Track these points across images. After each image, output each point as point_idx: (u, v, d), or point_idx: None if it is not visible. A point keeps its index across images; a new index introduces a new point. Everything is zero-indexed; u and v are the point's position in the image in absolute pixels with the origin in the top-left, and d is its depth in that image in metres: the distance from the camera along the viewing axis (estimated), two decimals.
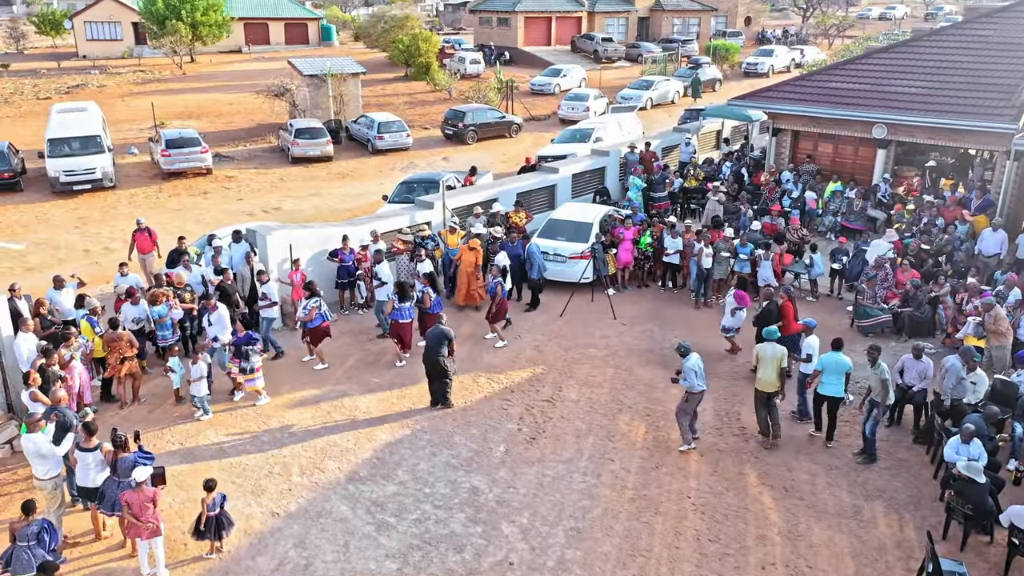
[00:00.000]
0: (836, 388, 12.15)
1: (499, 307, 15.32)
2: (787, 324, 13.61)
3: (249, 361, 13.09)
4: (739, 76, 52.05)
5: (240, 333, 13.16)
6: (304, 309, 14.21)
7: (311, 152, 30.26)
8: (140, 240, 17.80)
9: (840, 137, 22.69)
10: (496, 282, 15.16)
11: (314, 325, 14.23)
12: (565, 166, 22.88)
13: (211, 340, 13.57)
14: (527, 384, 14.19)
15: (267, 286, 14.89)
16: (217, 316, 13.69)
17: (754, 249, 17.24)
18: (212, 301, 13.79)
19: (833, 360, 12.15)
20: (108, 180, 26.03)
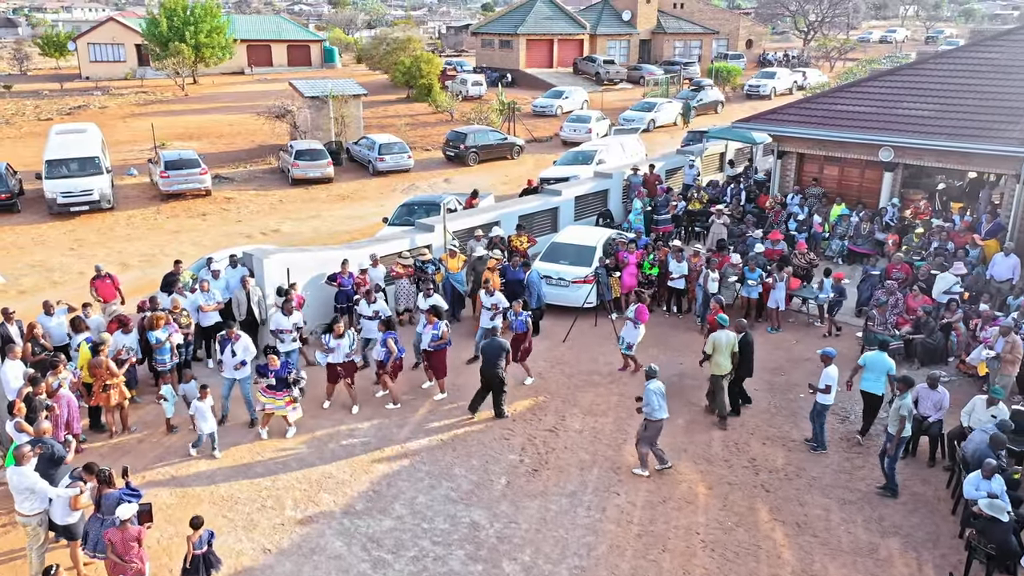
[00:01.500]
0: (877, 386, 12.61)
1: (530, 343, 14.82)
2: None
3: (295, 388, 12.57)
4: (741, 98, 52.05)
5: (272, 365, 12.45)
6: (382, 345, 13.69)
7: (311, 174, 30.04)
8: (102, 288, 16.03)
9: (846, 160, 22.43)
10: (523, 318, 14.58)
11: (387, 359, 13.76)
12: (568, 189, 22.61)
13: (239, 364, 12.84)
14: (529, 413, 13.78)
15: (295, 316, 14.37)
16: (242, 346, 12.93)
17: (763, 274, 16.91)
18: (234, 330, 13.09)
19: (877, 359, 12.58)
20: (106, 202, 25.78)
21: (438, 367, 14.22)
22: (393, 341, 13.63)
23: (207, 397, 12.06)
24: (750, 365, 13.69)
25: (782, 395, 14.40)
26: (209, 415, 12.10)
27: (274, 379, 12.37)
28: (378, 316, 14.77)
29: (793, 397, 14.31)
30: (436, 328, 14.04)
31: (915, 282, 16.75)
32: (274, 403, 12.47)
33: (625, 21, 63.93)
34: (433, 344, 13.99)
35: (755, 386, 14.66)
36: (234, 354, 12.80)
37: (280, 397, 12.43)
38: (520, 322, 14.65)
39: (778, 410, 13.89)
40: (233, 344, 12.85)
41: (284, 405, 12.48)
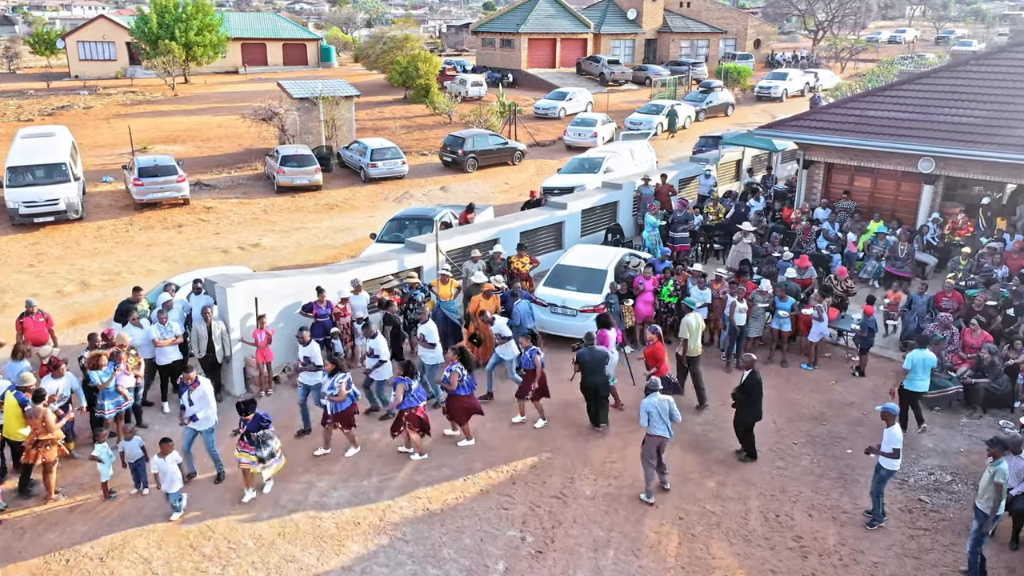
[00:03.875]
0: (923, 384, 12.56)
1: (541, 381, 12.78)
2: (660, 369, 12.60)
3: (267, 446, 10.73)
4: (751, 100, 50.04)
5: (246, 419, 10.68)
6: (331, 388, 11.64)
7: (298, 181, 28.04)
8: (31, 328, 13.53)
9: (879, 171, 20.42)
10: (533, 352, 12.63)
11: (345, 407, 11.76)
12: (574, 201, 20.61)
13: (188, 419, 11.03)
14: (531, 473, 11.79)
15: (310, 348, 12.66)
16: (198, 395, 11.02)
17: (796, 304, 14.92)
18: (192, 375, 11.17)
19: (922, 358, 12.40)
20: (73, 212, 23.78)
21: (456, 414, 12.40)
22: (404, 388, 11.64)
23: (171, 452, 10.23)
24: (758, 407, 11.86)
25: (826, 450, 12.40)
26: (174, 473, 10.31)
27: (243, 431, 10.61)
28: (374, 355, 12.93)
29: (839, 453, 12.31)
30: (449, 370, 12.12)
31: (970, 314, 14.73)
32: (249, 458, 10.67)
33: (630, 20, 61.92)
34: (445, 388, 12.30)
35: (793, 439, 12.68)
36: (191, 402, 10.92)
37: (252, 452, 10.63)
38: (527, 358, 12.74)
39: (823, 470, 11.89)
40: (190, 392, 10.98)
41: (256, 462, 10.65)
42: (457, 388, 12.01)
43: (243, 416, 10.58)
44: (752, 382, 11.72)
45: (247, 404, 10.63)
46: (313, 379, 12.47)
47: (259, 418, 10.62)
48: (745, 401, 11.80)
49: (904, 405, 12.58)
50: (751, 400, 11.78)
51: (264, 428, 10.59)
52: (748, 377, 11.74)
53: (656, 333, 12.87)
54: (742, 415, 11.93)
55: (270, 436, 10.73)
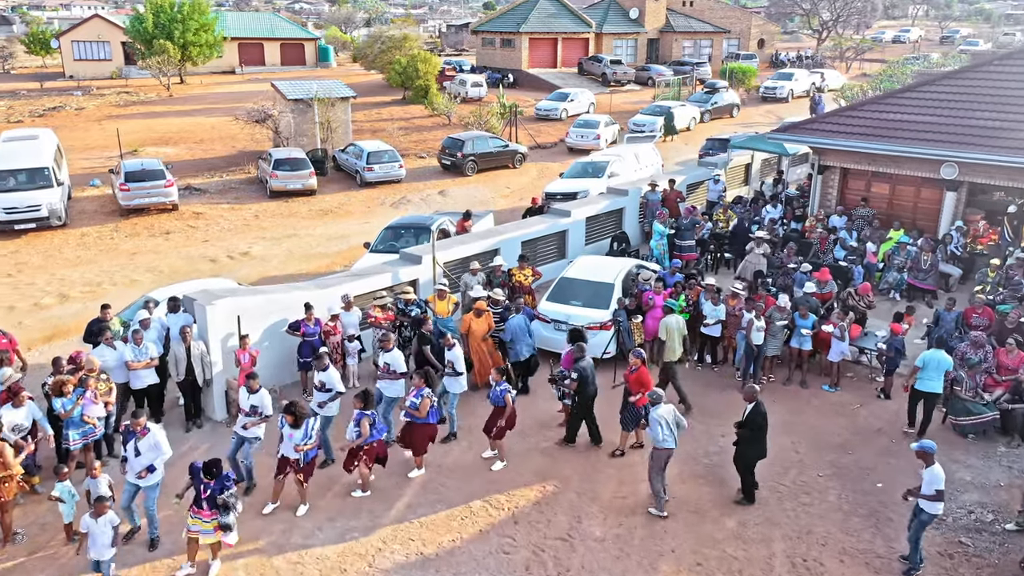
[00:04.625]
0: (935, 385, 12.24)
1: (508, 419, 11.63)
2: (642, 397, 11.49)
3: (231, 513, 9.23)
4: (756, 101, 49.09)
5: (208, 480, 9.17)
6: (306, 436, 10.17)
7: (291, 185, 27.09)
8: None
9: (898, 176, 19.47)
10: (503, 390, 11.48)
11: (312, 456, 10.46)
12: (578, 208, 19.67)
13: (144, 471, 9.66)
14: (535, 511, 10.84)
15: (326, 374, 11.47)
16: (149, 443, 9.64)
17: (817, 321, 13.96)
18: (141, 420, 9.66)
19: (935, 358, 12.22)
20: (56, 218, 22.84)
21: (416, 442, 11.37)
22: (369, 423, 10.67)
23: (106, 512, 8.89)
24: (762, 445, 10.81)
25: (854, 484, 11.44)
26: (106, 540, 8.89)
27: (206, 494, 9.16)
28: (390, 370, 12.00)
29: (869, 488, 11.35)
30: (417, 396, 11.14)
31: (1002, 332, 13.76)
32: (202, 526, 9.24)
33: (632, 19, 60.96)
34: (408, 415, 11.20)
35: (819, 471, 11.73)
36: (138, 453, 9.64)
37: (209, 519, 9.22)
38: (498, 394, 11.49)
39: (852, 507, 10.93)
40: (138, 440, 9.67)
41: (211, 531, 9.26)
42: (428, 416, 11.10)
43: (204, 480, 9.13)
44: (755, 416, 10.67)
45: (210, 465, 9.16)
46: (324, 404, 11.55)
47: (223, 479, 9.21)
48: (748, 437, 10.77)
49: (913, 404, 12.59)
50: (754, 437, 10.75)
51: (227, 489, 9.21)
52: (751, 410, 10.69)
53: (640, 357, 11.77)
54: (743, 452, 10.91)
55: (235, 499, 9.32)
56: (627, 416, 11.96)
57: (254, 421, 10.67)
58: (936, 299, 17.04)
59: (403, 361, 12.22)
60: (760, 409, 10.69)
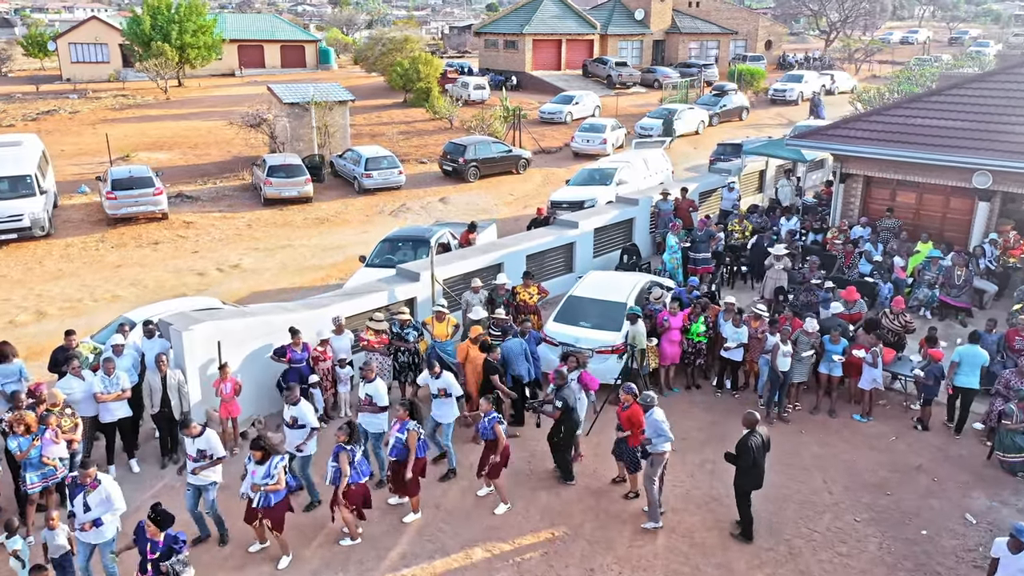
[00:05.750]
0: (972, 380, 12.22)
1: (503, 455, 10.54)
2: (635, 435, 10.53)
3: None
4: (765, 103, 48.00)
5: (154, 535, 8.00)
6: (268, 475, 9.15)
7: (286, 193, 26.04)
8: None
9: (925, 185, 18.39)
10: (493, 419, 10.39)
11: (280, 498, 9.32)
12: (586, 219, 18.60)
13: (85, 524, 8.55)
14: (543, 562, 9.75)
15: (298, 408, 10.37)
16: (99, 497, 8.55)
17: (848, 346, 12.87)
18: (91, 472, 8.54)
19: (971, 353, 12.25)
20: (39, 228, 21.81)
21: (402, 482, 10.28)
22: (348, 458, 9.57)
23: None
24: (753, 475, 9.87)
25: (896, 531, 10.34)
26: None
27: (150, 555, 7.99)
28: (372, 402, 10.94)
29: (913, 535, 10.25)
30: (402, 430, 10.03)
31: None
32: None
33: (638, 20, 59.87)
34: (395, 453, 10.09)
35: (855, 514, 10.64)
36: (87, 508, 8.53)
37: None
38: (486, 426, 10.36)
39: (896, 559, 9.83)
40: (87, 493, 8.55)
41: None
42: (393, 452, 10.05)
43: (149, 538, 7.98)
44: (743, 447, 9.73)
45: (162, 516, 8.03)
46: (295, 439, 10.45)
47: (171, 539, 8.09)
48: (741, 467, 9.84)
49: (952, 401, 12.56)
50: (745, 465, 9.78)
51: (177, 553, 8.07)
52: (741, 440, 9.78)
53: (631, 393, 10.61)
54: (737, 481, 10.01)
55: (183, 565, 8.13)
56: (629, 459, 10.83)
57: (203, 466, 9.54)
58: (971, 317, 15.96)
59: (386, 393, 11.13)
60: (751, 438, 9.72)
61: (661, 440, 10.03)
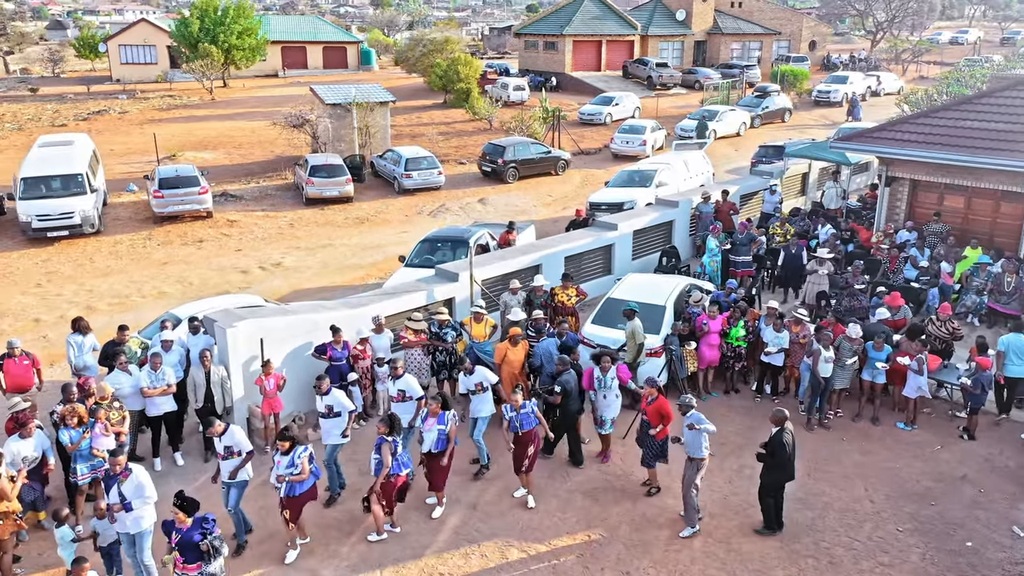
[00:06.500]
0: (1020, 369, 12.45)
1: (537, 445, 10.70)
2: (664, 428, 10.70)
3: (215, 561, 8.24)
4: (808, 105, 47.27)
5: (182, 523, 8.19)
6: (291, 465, 9.34)
7: (328, 192, 26.38)
8: (12, 372, 11.81)
9: (974, 189, 17.94)
10: (524, 415, 10.50)
11: (305, 489, 9.52)
12: (625, 221, 18.53)
13: (115, 506, 8.73)
14: (579, 564, 9.76)
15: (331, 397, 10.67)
16: (132, 486, 8.74)
17: (893, 353, 12.64)
18: (121, 460, 8.78)
19: (1017, 341, 12.45)
20: (89, 226, 22.40)
21: (438, 475, 10.40)
22: (390, 449, 9.71)
23: (85, 575, 7.92)
24: (788, 470, 9.98)
25: (940, 542, 10.13)
26: None
27: (176, 543, 8.16)
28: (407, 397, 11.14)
29: (958, 547, 10.04)
30: (442, 422, 10.14)
31: None
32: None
33: (679, 21, 59.41)
34: (440, 446, 10.22)
35: (897, 524, 10.45)
36: (122, 498, 8.71)
37: (194, 572, 8.24)
38: (527, 416, 10.50)
39: (940, 571, 9.63)
40: (120, 483, 8.74)
41: None
42: (437, 444, 10.17)
43: (178, 526, 8.13)
44: (776, 442, 9.79)
45: (187, 503, 8.20)
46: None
47: (200, 522, 8.24)
48: (771, 464, 9.90)
49: (1000, 390, 12.72)
50: (777, 463, 9.85)
51: (208, 535, 8.19)
52: (774, 436, 9.84)
53: (655, 386, 10.73)
54: (766, 479, 10.03)
55: (219, 543, 8.29)
56: (648, 452, 10.88)
57: (238, 465, 9.70)
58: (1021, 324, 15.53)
59: (418, 385, 11.37)
60: (781, 436, 9.78)
61: (702, 440, 9.99)
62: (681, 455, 10.48)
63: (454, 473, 10.80)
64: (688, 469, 10.18)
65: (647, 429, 10.74)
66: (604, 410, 11.55)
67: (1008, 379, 12.63)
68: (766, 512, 10.21)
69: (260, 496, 10.71)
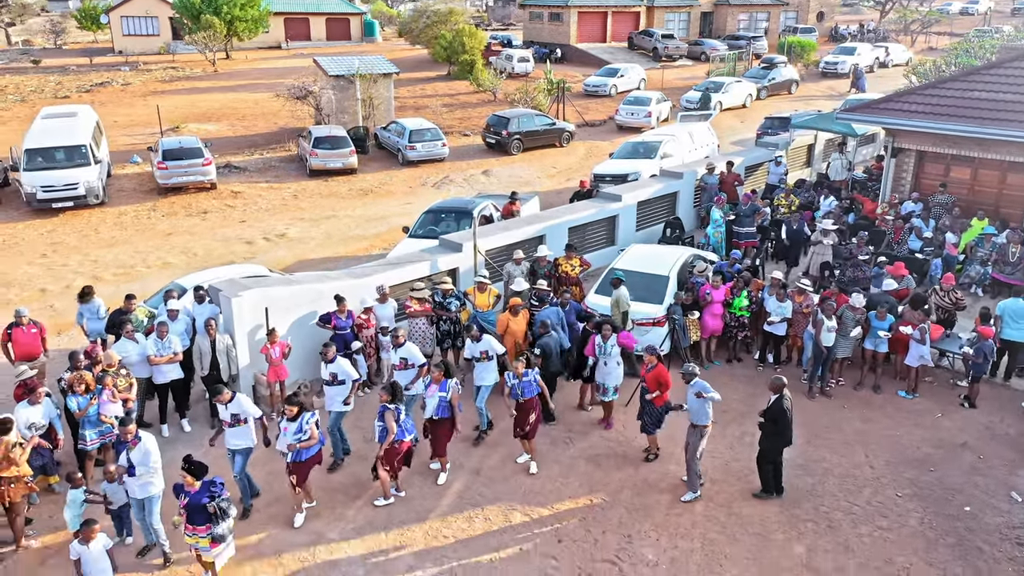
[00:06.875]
0: (1018, 332, 12.69)
1: (538, 412, 10.82)
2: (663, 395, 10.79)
3: (223, 522, 8.38)
4: (816, 76, 46.86)
5: (191, 486, 8.30)
6: (298, 432, 9.40)
7: (331, 164, 26.34)
8: (21, 341, 11.89)
9: (982, 161, 17.86)
10: (526, 382, 10.62)
11: (311, 454, 9.64)
12: (629, 192, 18.50)
13: (119, 468, 8.93)
14: (581, 528, 9.90)
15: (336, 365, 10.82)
16: (140, 452, 8.84)
17: (896, 323, 12.68)
18: (131, 428, 8.90)
19: (1013, 306, 12.65)
20: (94, 197, 22.43)
21: (440, 441, 10.55)
22: (394, 416, 9.83)
23: (96, 537, 8.07)
24: (786, 436, 10.10)
25: (938, 507, 10.24)
26: (100, 564, 8.10)
27: (185, 505, 8.30)
28: (409, 364, 11.21)
29: (955, 511, 10.15)
30: (443, 389, 10.25)
31: None
32: (197, 541, 8.44)
33: None
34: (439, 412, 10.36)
35: (896, 489, 10.56)
36: (130, 463, 8.84)
37: (203, 534, 8.39)
38: (528, 384, 10.59)
39: (938, 535, 9.75)
40: (129, 450, 8.87)
41: (208, 547, 8.44)
42: (439, 410, 10.32)
43: (186, 482, 8.26)
44: (777, 409, 9.92)
45: (195, 466, 8.33)
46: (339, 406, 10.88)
47: (208, 485, 8.35)
48: (771, 430, 10.04)
49: (1000, 355, 12.94)
50: (777, 429, 10.00)
51: (217, 498, 8.32)
52: (773, 403, 9.95)
53: (655, 354, 10.79)
54: (766, 446, 10.19)
55: (227, 505, 8.41)
56: (648, 419, 10.96)
57: (248, 430, 9.83)
58: None
59: (420, 353, 11.47)
60: (781, 403, 9.91)
61: (708, 401, 10.07)
62: (682, 422, 10.59)
63: (457, 440, 10.93)
64: (692, 435, 10.27)
65: (645, 395, 10.83)
66: (606, 377, 11.64)
67: (1005, 342, 12.78)
68: (764, 477, 10.35)
69: (268, 461, 10.84)
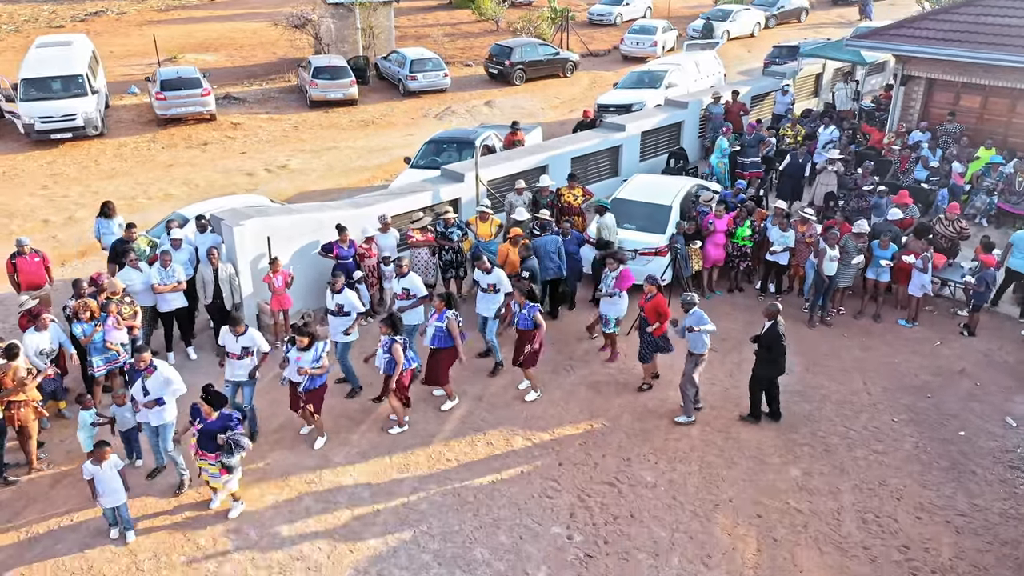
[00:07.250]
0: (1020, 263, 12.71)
1: (540, 342, 10.80)
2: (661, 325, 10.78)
3: (235, 454, 8.50)
4: (826, 4, 45.64)
5: (208, 415, 8.44)
6: (316, 359, 9.53)
7: (332, 95, 25.95)
8: (24, 270, 11.87)
9: (991, 88, 17.54)
10: (533, 309, 10.64)
11: (321, 382, 9.78)
12: (632, 122, 18.24)
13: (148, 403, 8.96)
14: (581, 451, 10.10)
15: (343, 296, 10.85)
16: (159, 381, 8.95)
17: (898, 251, 12.66)
18: (145, 357, 8.97)
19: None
20: (92, 128, 22.19)
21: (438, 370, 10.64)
22: (401, 347, 9.92)
23: (108, 458, 8.25)
24: (780, 364, 10.23)
25: (933, 432, 10.42)
26: (115, 485, 8.30)
27: (199, 430, 8.46)
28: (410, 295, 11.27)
29: (950, 436, 10.32)
30: (440, 319, 10.32)
31: None
32: (207, 467, 8.64)
33: None
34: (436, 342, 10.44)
35: (893, 415, 10.72)
36: (146, 393, 8.97)
37: (214, 461, 8.56)
38: (526, 316, 10.67)
39: (932, 458, 9.94)
40: (144, 379, 8.97)
41: (218, 474, 8.64)
42: (435, 340, 10.38)
43: (203, 416, 8.39)
44: (772, 335, 10.03)
45: (214, 396, 8.47)
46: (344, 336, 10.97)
47: (225, 418, 8.47)
48: (764, 357, 10.16)
49: (1007, 283, 13.09)
50: (771, 356, 10.12)
51: (232, 429, 8.44)
52: (768, 329, 10.06)
53: (655, 284, 10.80)
54: (759, 372, 10.32)
55: (240, 438, 8.53)
56: (646, 348, 11.04)
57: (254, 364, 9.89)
58: None
59: (422, 285, 11.50)
60: (776, 329, 10.02)
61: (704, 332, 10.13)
62: (682, 350, 10.68)
63: (460, 368, 11.04)
64: (688, 363, 10.39)
65: (644, 326, 10.90)
66: (608, 310, 11.67)
67: (1009, 271, 12.97)
68: (754, 402, 10.50)
69: (271, 390, 11.02)
